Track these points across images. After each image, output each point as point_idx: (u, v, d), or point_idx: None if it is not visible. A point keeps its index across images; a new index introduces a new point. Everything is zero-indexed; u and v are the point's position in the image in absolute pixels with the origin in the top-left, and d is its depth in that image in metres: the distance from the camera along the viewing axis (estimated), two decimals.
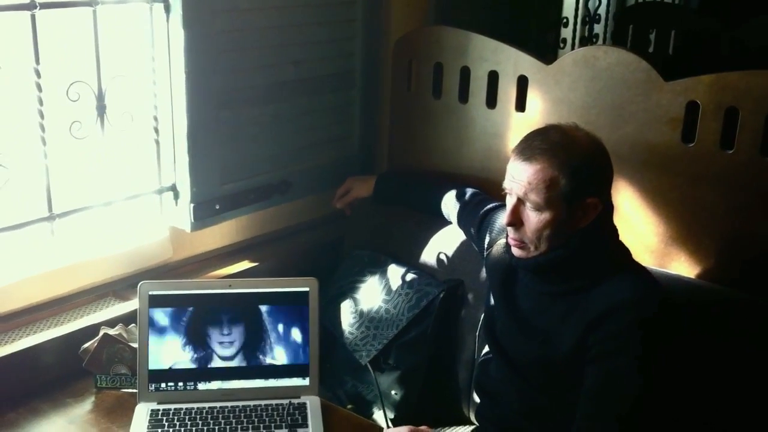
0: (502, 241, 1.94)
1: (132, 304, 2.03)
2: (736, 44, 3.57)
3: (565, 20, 3.62)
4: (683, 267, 2.06)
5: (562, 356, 1.75)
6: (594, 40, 3.81)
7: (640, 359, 1.65)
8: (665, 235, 2.07)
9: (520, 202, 1.72)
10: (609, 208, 1.79)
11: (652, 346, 1.66)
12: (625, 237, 1.91)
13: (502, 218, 2.03)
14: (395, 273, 2.33)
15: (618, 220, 2.06)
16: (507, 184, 1.75)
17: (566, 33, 3.63)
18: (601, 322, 1.68)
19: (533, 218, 1.71)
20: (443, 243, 2.35)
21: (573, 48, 3.56)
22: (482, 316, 2.10)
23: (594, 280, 1.73)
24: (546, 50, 3.46)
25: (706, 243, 2.03)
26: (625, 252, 1.81)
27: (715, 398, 1.85)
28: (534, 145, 1.71)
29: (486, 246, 2.07)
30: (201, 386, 1.80)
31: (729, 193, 1.97)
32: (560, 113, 2.19)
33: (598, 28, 3.86)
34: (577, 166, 1.67)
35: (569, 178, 1.67)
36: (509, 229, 1.77)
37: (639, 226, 2.10)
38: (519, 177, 1.71)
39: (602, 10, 3.84)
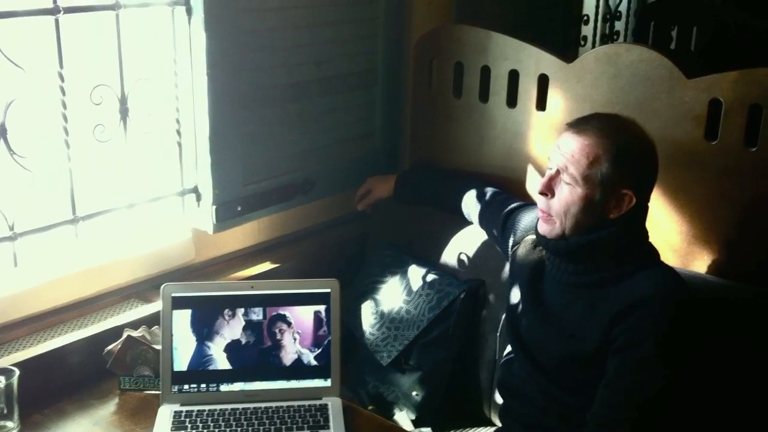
0: (529, 238, 1.94)
1: (155, 306, 2.04)
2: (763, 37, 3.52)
3: (585, 17, 3.60)
4: (707, 265, 2.04)
5: (587, 352, 1.74)
6: (615, 37, 3.78)
7: (665, 350, 1.65)
8: (688, 233, 2.06)
9: (558, 173, 1.74)
10: (644, 209, 1.79)
11: (678, 340, 1.65)
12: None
13: (527, 218, 2.03)
14: (416, 273, 2.33)
15: None
16: (551, 155, 1.78)
17: (587, 30, 3.61)
18: (626, 314, 1.68)
19: (565, 191, 1.73)
20: (465, 243, 2.34)
21: (594, 45, 3.54)
22: (503, 316, 2.09)
23: (621, 274, 1.73)
24: (567, 48, 3.44)
25: (730, 241, 2.00)
26: (653, 252, 1.81)
27: (742, 398, 1.84)
28: (588, 120, 1.76)
29: (511, 246, 2.06)
30: (223, 388, 1.81)
31: (753, 190, 1.95)
32: (582, 111, 2.17)
33: (619, 25, 3.83)
34: (622, 151, 1.70)
35: (611, 162, 1.69)
36: (540, 198, 1.77)
37: (662, 224, 2.08)
38: (564, 148, 1.73)
39: (623, 7, 3.81)
